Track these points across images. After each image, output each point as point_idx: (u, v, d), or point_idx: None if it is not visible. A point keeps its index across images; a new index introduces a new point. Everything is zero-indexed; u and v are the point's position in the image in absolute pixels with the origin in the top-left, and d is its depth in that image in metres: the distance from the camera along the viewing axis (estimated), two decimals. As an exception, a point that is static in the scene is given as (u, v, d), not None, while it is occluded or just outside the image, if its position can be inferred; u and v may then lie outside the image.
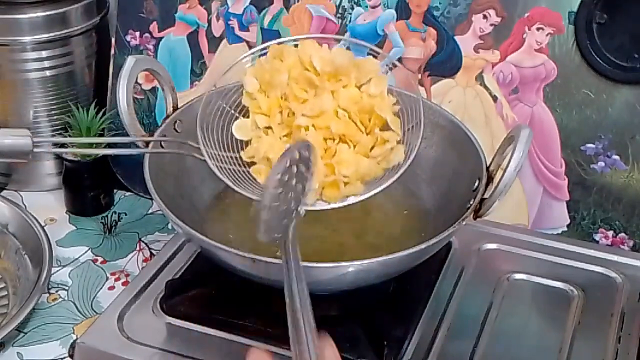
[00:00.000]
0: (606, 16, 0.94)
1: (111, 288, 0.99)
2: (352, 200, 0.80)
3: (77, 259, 1.03)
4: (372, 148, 0.82)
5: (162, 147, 0.86)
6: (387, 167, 0.82)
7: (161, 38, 1.13)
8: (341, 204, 0.80)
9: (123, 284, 0.99)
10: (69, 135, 1.09)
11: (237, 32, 1.10)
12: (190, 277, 0.88)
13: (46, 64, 1.10)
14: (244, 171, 0.83)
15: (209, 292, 0.85)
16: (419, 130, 0.83)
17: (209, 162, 0.82)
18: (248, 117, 0.85)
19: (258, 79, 0.84)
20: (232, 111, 0.86)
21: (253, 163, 0.83)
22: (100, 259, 1.03)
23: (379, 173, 0.82)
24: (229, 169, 0.82)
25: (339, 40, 0.99)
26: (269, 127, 0.83)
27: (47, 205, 1.13)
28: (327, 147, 0.81)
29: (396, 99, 0.84)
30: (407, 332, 0.82)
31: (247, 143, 0.84)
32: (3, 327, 0.87)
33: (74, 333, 0.91)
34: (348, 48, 0.88)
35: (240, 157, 0.84)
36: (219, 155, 0.83)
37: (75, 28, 1.11)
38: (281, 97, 0.83)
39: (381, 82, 0.83)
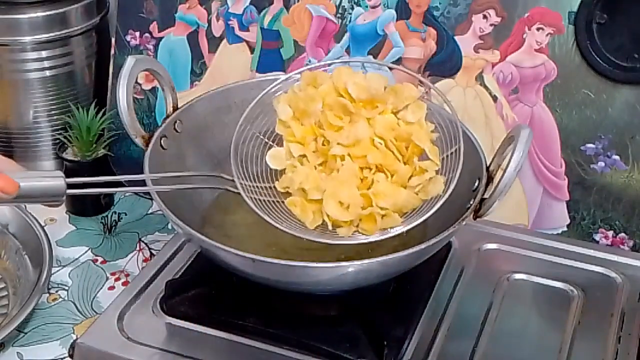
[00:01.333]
0: (606, 16, 0.94)
1: (111, 288, 0.99)
2: (392, 232, 0.77)
3: (77, 259, 1.03)
4: (410, 177, 0.79)
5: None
6: (426, 198, 0.78)
7: (161, 38, 1.13)
8: (381, 237, 0.77)
9: (123, 284, 0.99)
10: (69, 135, 1.09)
11: (237, 32, 1.10)
12: (190, 277, 0.88)
13: (46, 64, 1.11)
14: (278, 202, 0.80)
15: (209, 292, 0.85)
16: (458, 158, 0.79)
17: (243, 195, 0.79)
18: (282, 145, 0.82)
19: (292, 107, 0.82)
20: (266, 140, 0.84)
21: (288, 194, 0.80)
22: (100, 259, 1.03)
23: (417, 204, 0.78)
24: (264, 200, 0.80)
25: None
26: (304, 156, 0.81)
27: (47, 205, 1.13)
28: (363, 176, 0.78)
29: (435, 126, 0.81)
30: (407, 332, 0.82)
31: (282, 173, 0.82)
32: (3, 327, 0.87)
33: (74, 333, 0.91)
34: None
35: (275, 187, 0.81)
36: (253, 187, 0.81)
37: (75, 28, 1.11)
38: (315, 124, 0.81)
39: (419, 109, 0.80)
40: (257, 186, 0.82)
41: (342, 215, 0.77)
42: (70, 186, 0.71)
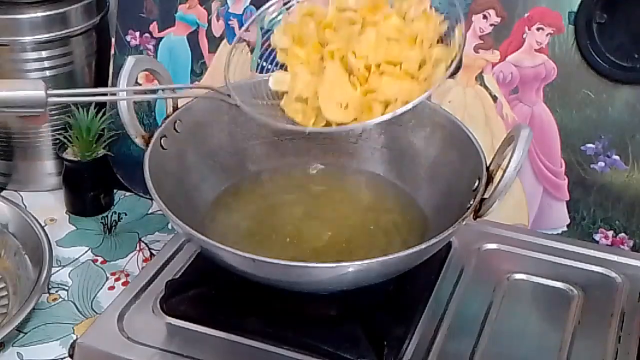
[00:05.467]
0: (606, 16, 0.94)
1: (111, 288, 0.99)
2: (385, 117, 0.75)
3: (77, 259, 1.03)
4: (419, 67, 0.77)
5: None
6: (429, 87, 0.77)
7: (161, 38, 1.13)
8: (372, 122, 0.76)
9: (123, 284, 0.99)
10: (69, 135, 1.09)
11: (237, 32, 1.10)
12: (190, 277, 0.88)
13: (46, 64, 1.11)
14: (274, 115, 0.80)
15: (209, 292, 0.85)
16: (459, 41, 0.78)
17: (241, 105, 0.79)
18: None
19: (289, 35, 0.80)
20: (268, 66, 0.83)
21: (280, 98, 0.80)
22: (100, 259, 1.03)
23: (421, 94, 0.76)
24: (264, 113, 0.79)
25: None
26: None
27: (47, 205, 1.13)
28: (367, 74, 0.76)
29: (442, 16, 0.79)
30: (407, 332, 0.82)
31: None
32: (3, 327, 0.87)
33: (74, 333, 0.92)
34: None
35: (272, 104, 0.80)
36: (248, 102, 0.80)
37: (75, 28, 1.11)
38: (318, 42, 0.79)
39: (422, 2, 0.78)
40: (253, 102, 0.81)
41: (343, 116, 0.76)
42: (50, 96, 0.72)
